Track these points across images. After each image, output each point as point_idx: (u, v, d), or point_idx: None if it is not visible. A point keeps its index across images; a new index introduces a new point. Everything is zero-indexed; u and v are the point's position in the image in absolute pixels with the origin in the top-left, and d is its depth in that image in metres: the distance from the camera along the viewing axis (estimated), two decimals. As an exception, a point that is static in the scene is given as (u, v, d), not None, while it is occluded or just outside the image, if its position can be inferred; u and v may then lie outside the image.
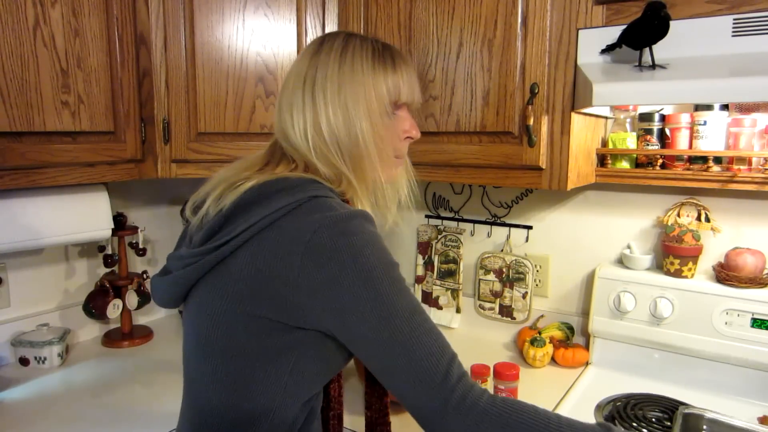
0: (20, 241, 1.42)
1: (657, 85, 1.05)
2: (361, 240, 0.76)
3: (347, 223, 0.77)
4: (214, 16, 1.45)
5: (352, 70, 0.87)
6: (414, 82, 0.93)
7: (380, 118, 0.89)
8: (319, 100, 0.86)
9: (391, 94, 0.89)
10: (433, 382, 0.73)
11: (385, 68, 0.89)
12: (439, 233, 1.84)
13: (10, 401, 1.36)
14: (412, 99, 0.93)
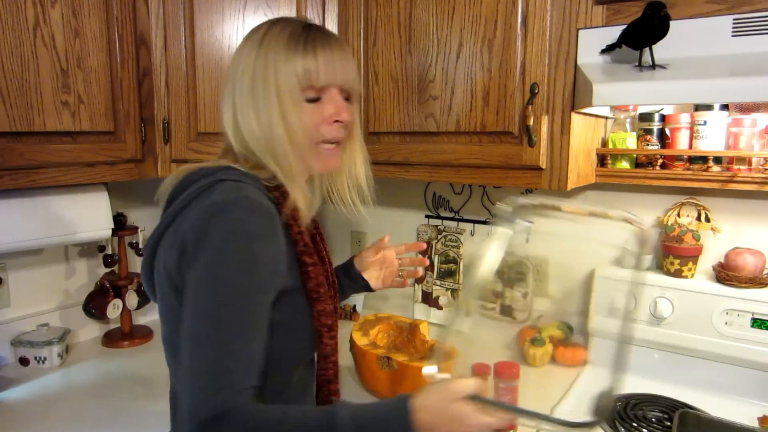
0: (20, 241, 1.42)
1: (657, 85, 1.05)
2: (227, 229, 0.77)
3: (223, 209, 0.78)
4: (214, 16, 1.45)
5: (266, 59, 0.87)
6: (338, 63, 0.88)
7: (293, 106, 0.86)
8: (237, 96, 0.88)
9: (303, 79, 0.85)
10: (191, 399, 0.74)
11: (296, 52, 0.86)
12: (439, 233, 1.84)
13: (10, 401, 1.36)
14: (333, 81, 0.87)
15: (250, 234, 0.78)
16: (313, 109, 0.88)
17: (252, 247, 0.77)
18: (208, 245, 0.77)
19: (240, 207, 0.79)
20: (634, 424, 1.20)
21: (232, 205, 0.79)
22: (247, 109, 0.87)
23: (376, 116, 1.51)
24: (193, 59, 1.46)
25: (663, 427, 1.19)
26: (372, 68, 1.50)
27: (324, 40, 0.88)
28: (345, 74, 0.89)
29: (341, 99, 0.90)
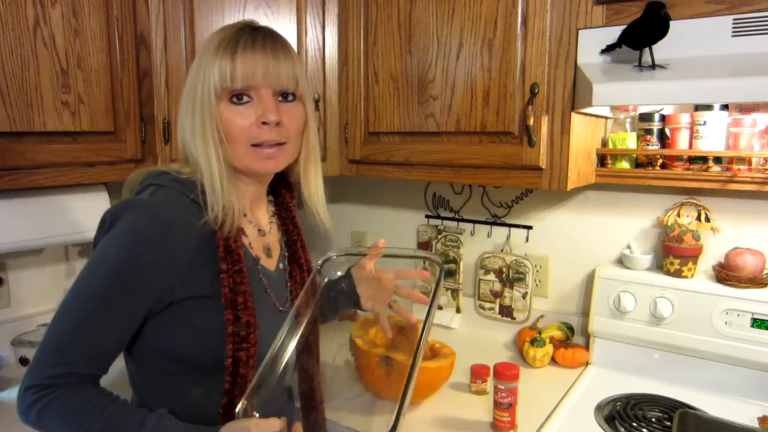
0: (20, 241, 1.42)
1: (657, 85, 1.05)
2: (120, 228, 0.83)
3: (123, 210, 0.84)
4: (214, 16, 1.45)
5: (198, 66, 0.90)
6: (260, 64, 0.86)
7: (211, 110, 0.87)
8: (180, 103, 0.93)
9: (218, 81, 0.86)
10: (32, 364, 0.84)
11: (216, 55, 0.87)
12: (439, 233, 1.84)
13: (11, 401, 1.36)
14: (253, 82, 0.86)
15: (136, 236, 0.82)
16: (241, 111, 0.87)
17: (134, 248, 0.82)
18: (102, 239, 0.85)
19: (140, 209, 0.84)
20: (634, 424, 1.20)
21: (134, 205, 0.84)
22: (183, 115, 0.91)
23: (376, 116, 1.51)
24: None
25: (663, 427, 1.19)
26: (372, 68, 1.50)
27: (248, 41, 0.87)
28: (268, 74, 0.87)
29: (272, 100, 0.88)
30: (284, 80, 0.89)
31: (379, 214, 1.99)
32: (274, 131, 0.89)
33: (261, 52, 0.87)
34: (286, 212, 1.07)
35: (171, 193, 0.88)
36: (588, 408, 1.29)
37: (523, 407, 1.24)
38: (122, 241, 0.82)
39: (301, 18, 1.50)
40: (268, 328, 0.95)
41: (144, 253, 0.82)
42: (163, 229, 0.83)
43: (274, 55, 0.88)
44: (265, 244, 1.02)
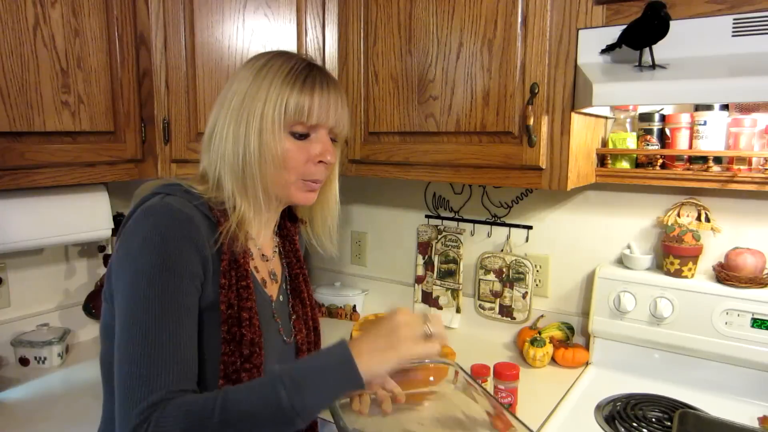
0: (20, 241, 1.42)
1: (657, 85, 1.05)
2: (142, 235, 0.80)
3: (142, 217, 0.82)
4: (214, 16, 1.45)
5: (260, 85, 0.89)
6: (333, 106, 0.90)
7: (274, 136, 0.87)
8: (222, 115, 0.90)
9: (293, 113, 0.87)
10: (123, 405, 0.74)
11: (293, 86, 0.88)
12: (439, 233, 1.84)
13: (10, 401, 1.36)
14: (324, 121, 0.90)
15: (163, 237, 0.80)
16: (300, 145, 0.90)
17: (166, 249, 0.79)
18: (125, 254, 0.80)
19: (157, 213, 0.82)
20: (634, 424, 1.20)
21: (147, 214, 0.82)
22: (227, 130, 0.89)
23: (376, 116, 1.51)
24: (193, 59, 1.46)
25: (663, 427, 1.19)
26: (372, 68, 1.50)
27: (323, 81, 0.91)
28: (337, 118, 0.92)
29: (329, 140, 0.93)
30: (342, 125, 0.94)
31: (379, 214, 1.99)
32: (325, 171, 0.93)
33: (335, 94, 0.91)
34: (290, 245, 1.08)
35: (181, 200, 0.86)
36: (588, 408, 1.29)
37: (523, 407, 1.24)
38: (151, 249, 0.79)
39: (301, 18, 1.50)
40: (274, 357, 0.95)
41: (176, 251, 0.80)
42: (185, 225, 0.82)
43: (342, 100, 0.93)
44: (270, 270, 1.02)
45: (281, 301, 1.03)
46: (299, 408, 0.73)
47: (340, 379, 0.76)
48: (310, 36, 1.52)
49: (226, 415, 0.72)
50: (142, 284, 0.77)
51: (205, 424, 0.72)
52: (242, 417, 0.72)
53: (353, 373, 0.76)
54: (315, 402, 0.75)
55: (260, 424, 0.73)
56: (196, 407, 0.73)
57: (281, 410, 0.73)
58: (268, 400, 0.73)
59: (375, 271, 2.03)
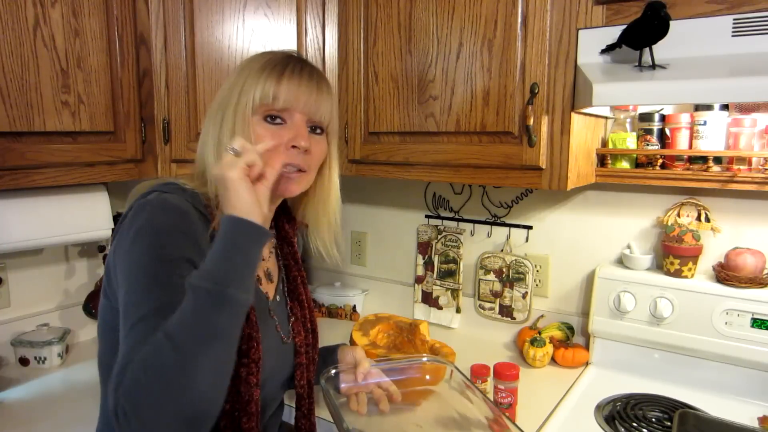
0: (20, 241, 1.42)
1: (657, 85, 1.05)
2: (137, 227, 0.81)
3: (136, 211, 0.83)
4: (214, 16, 1.45)
5: (237, 80, 0.91)
6: (305, 91, 0.90)
7: (244, 122, 0.88)
8: (208, 111, 0.94)
9: (260, 98, 0.88)
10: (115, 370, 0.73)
11: (263, 74, 0.89)
12: (439, 233, 1.84)
13: (10, 401, 1.36)
14: (293, 106, 0.89)
15: (156, 229, 0.81)
16: (273, 130, 0.89)
17: (158, 238, 0.80)
18: (120, 244, 0.82)
19: (151, 207, 0.83)
20: (634, 424, 1.20)
21: (142, 208, 0.83)
22: (209, 125, 0.92)
23: (376, 116, 1.51)
24: (193, 59, 1.46)
25: (663, 427, 1.19)
26: (372, 68, 1.50)
27: (296, 68, 0.91)
28: (309, 102, 0.91)
29: (304, 127, 0.91)
30: (322, 113, 0.93)
31: (379, 214, 1.99)
32: (301, 156, 0.91)
33: (307, 80, 0.91)
34: (288, 247, 1.07)
35: (178, 196, 0.87)
36: (588, 408, 1.29)
37: (523, 407, 1.24)
38: (143, 240, 0.80)
39: (301, 18, 1.50)
40: (272, 355, 0.95)
41: (169, 240, 0.80)
42: (179, 217, 0.82)
43: (318, 87, 0.92)
44: (265, 269, 1.02)
45: (278, 301, 1.03)
46: (219, 280, 0.71)
47: (231, 236, 0.75)
48: (310, 36, 1.52)
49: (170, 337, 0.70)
50: (138, 274, 0.78)
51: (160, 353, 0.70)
52: (183, 328, 0.70)
53: (236, 223, 0.75)
54: (227, 266, 0.73)
55: (202, 321, 0.71)
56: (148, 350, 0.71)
57: (205, 296, 0.71)
58: (192, 300, 0.71)
59: (375, 271, 2.03)
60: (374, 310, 1.90)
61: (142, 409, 0.68)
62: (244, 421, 0.86)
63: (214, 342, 0.71)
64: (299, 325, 1.04)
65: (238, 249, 0.75)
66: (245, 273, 0.76)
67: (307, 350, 1.05)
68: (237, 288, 0.73)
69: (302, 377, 1.03)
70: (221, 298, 0.71)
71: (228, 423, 0.85)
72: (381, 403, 1.05)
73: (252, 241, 0.76)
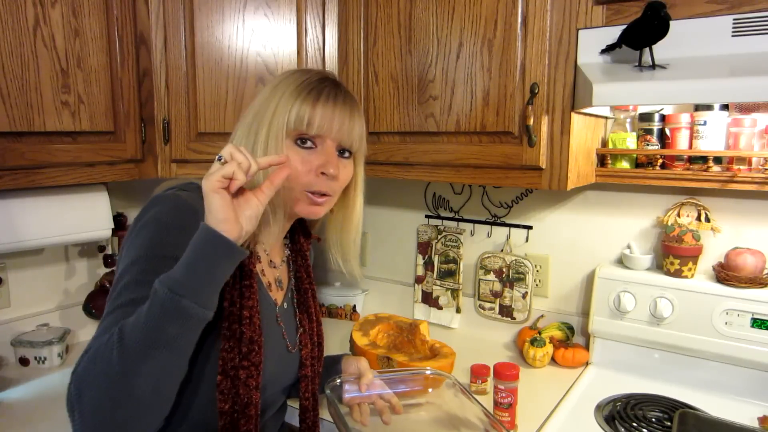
0: (20, 241, 1.42)
1: (657, 85, 1.05)
2: (144, 219, 0.83)
3: (149, 205, 0.85)
4: (214, 16, 1.45)
5: (272, 99, 0.91)
6: (338, 117, 0.91)
7: (277, 144, 0.88)
8: (239, 124, 0.94)
9: (294, 122, 0.89)
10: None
11: (299, 97, 0.89)
12: (439, 233, 1.84)
13: (10, 401, 1.36)
14: (327, 132, 0.90)
15: (162, 223, 0.82)
16: (303, 155, 0.90)
17: (161, 234, 0.81)
18: (130, 231, 0.85)
19: (164, 201, 0.84)
20: (634, 424, 1.20)
21: (158, 200, 0.85)
22: (241, 135, 0.92)
23: (376, 116, 1.51)
24: (193, 59, 1.46)
25: (663, 427, 1.19)
26: (372, 68, 1.50)
27: (330, 94, 0.91)
28: (342, 130, 0.92)
29: (334, 153, 0.93)
30: (353, 139, 0.94)
31: (379, 214, 1.99)
32: (329, 184, 0.92)
33: (341, 107, 0.92)
34: (302, 260, 1.08)
35: (194, 195, 0.86)
36: (588, 408, 1.29)
37: (523, 407, 1.24)
38: (148, 230, 0.82)
39: (301, 18, 1.50)
40: (275, 361, 0.95)
41: (171, 237, 0.80)
42: (187, 216, 0.82)
43: (350, 113, 0.93)
44: (276, 277, 1.02)
45: (285, 308, 1.03)
46: (176, 287, 0.71)
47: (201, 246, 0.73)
48: (310, 36, 1.52)
49: (121, 336, 0.71)
50: (130, 265, 0.80)
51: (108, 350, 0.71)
52: (134, 329, 0.71)
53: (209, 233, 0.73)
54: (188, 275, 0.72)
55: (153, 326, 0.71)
56: (102, 340, 0.73)
57: (160, 300, 0.70)
58: (149, 301, 0.72)
59: (375, 271, 2.03)
60: (374, 310, 1.90)
61: (84, 400, 0.70)
62: (242, 423, 0.86)
63: (160, 349, 0.71)
64: (306, 337, 1.05)
65: (203, 260, 0.73)
66: (205, 286, 0.74)
67: (313, 363, 1.05)
68: (192, 300, 0.71)
69: (307, 389, 1.03)
70: (174, 307, 0.70)
71: (227, 423, 0.85)
72: (383, 415, 1.06)
73: (219, 255, 0.74)
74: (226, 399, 0.85)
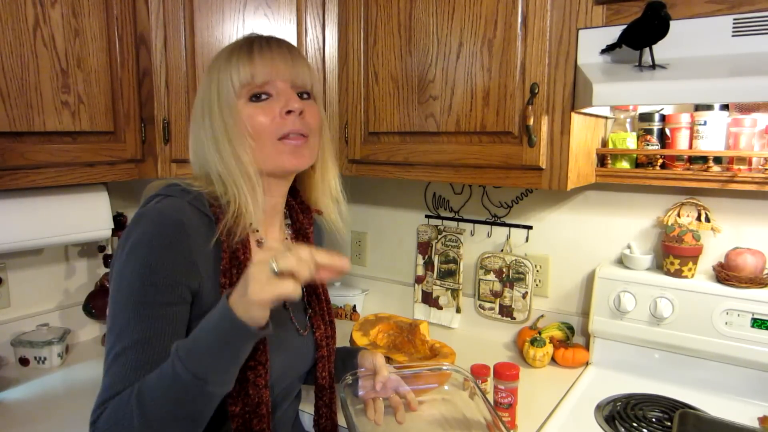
0: (20, 241, 1.42)
1: (657, 85, 1.05)
2: (132, 241, 0.81)
3: (134, 223, 0.83)
4: (214, 16, 1.45)
5: (209, 73, 0.91)
6: (279, 60, 0.89)
7: (231, 110, 0.87)
8: (192, 119, 0.93)
9: (239, 82, 0.87)
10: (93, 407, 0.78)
11: (232, 59, 0.88)
12: (439, 233, 1.84)
13: (10, 401, 1.36)
14: (274, 76, 0.88)
15: (149, 245, 0.80)
16: (262, 107, 0.88)
17: (149, 258, 0.79)
18: (118, 256, 0.82)
19: (147, 220, 0.82)
20: (634, 424, 1.20)
21: (140, 218, 0.83)
22: (197, 126, 0.91)
23: (376, 116, 1.51)
24: (193, 59, 1.46)
25: (663, 427, 1.19)
26: (372, 68, 1.50)
27: (263, 43, 0.90)
28: (288, 69, 0.89)
29: (291, 91, 0.90)
30: (302, 76, 0.91)
31: (379, 214, 1.99)
32: (298, 121, 0.89)
33: (277, 50, 0.90)
34: (303, 239, 1.04)
35: (177, 201, 0.85)
36: (588, 408, 1.29)
37: (523, 407, 1.23)
38: (135, 257, 0.80)
39: (301, 18, 1.50)
40: (286, 348, 0.94)
41: (161, 260, 0.79)
42: (172, 232, 0.81)
43: (290, 53, 0.91)
44: None
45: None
46: (201, 374, 0.72)
47: (228, 333, 0.73)
48: (310, 36, 1.52)
49: (142, 404, 0.73)
50: (123, 291, 0.80)
51: (128, 412, 0.74)
52: (155, 401, 0.73)
53: (237, 323, 0.72)
54: (213, 362, 0.73)
55: (171, 397, 0.73)
56: (120, 403, 0.75)
57: (184, 383, 0.72)
58: (171, 378, 0.73)
59: (375, 271, 2.03)
60: (374, 310, 1.90)
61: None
62: (254, 423, 0.86)
63: (182, 421, 0.74)
64: (318, 319, 1.03)
65: (229, 347, 0.74)
66: (230, 368, 0.76)
67: (328, 342, 1.04)
68: (217, 385, 0.74)
69: (324, 369, 1.03)
70: (199, 391, 0.73)
71: (239, 425, 0.85)
72: (398, 413, 1.05)
73: (245, 341, 0.75)
74: (236, 401, 0.85)
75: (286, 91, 0.90)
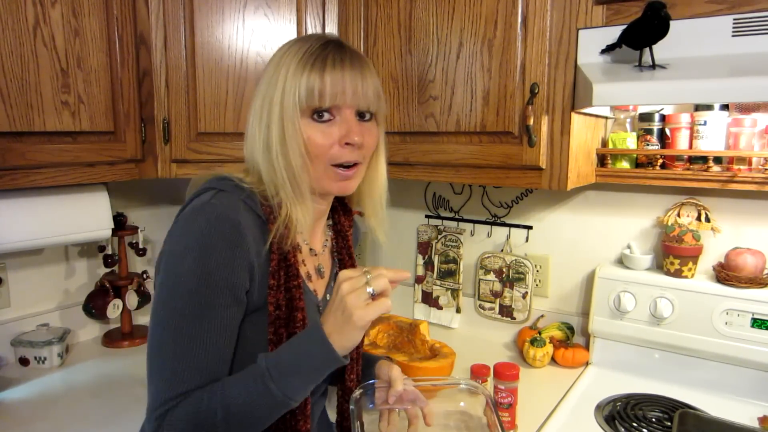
0: (20, 241, 1.42)
1: (657, 85, 1.05)
2: (186, 240, 0.81)
3: (187, 219, 0.83)
4: (214, 16, 1.45)
5: (277, 77, 0.86)
6: (349, 83, 0.85)
7: (293, 125, 0.84)
8: (251, 108, 0.91)
9: (305, 98, 0.83)
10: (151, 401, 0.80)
11: (304, 70, 0.84)
12: (439, 233, 1.84)
13: (10, 401, 1.36)
14: (341, 101, 0.85)
15: (205, 246, 0.79)
16: (323, 129, 0.85)
17: (206, 259, 0.79)
18: (170, 253, 0.82)
19: (202, 218, 0.81)
20: (634, 424, 1.20)
21: (196, 215, 0.82)
22: (254, 124, 0.88)
23: (376, 116, 1.51)
24: (193, 59, 1.46)
25: (663, 427, 1.19)
26: (372, 68, 1.50)
27: (337, 58, 0.85)
28: (357, 93, 0.86)
29: (354, 120, 0.87)
30: (369, 100, 0.88)
31: (379, 214, 1.99)
32: (355, 152, 0.88)
33: (350, 70, 0.85)
34: (343, 241, 1.03)
35: (232, 198, 0.84)
36: (588, 408, 1.29)
37: (523, 407, 1.24)
38: (192, 257, 0.79)
39: (301, 18, 1.50)
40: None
41: (218, 261, 0.79)
42: (230, 232, 0.80)
43: (362, 73, 0.87)
44: (317, 265, 0.99)
45: (327, 299, 0.99)
46: (291, 394, 0.79)
47: (321, 361, 0.79)
48: (310, 36, 1.52)
49: (227, 411, 0.78)
50: (179, 290, 0.79)
51: (211, 420, 0.77)
52: (242, 410, 0.78)
53: (332, 354, 0.78)
54: (302, 385, 0.81)
55: (259, 413, 0.79)
56: (202, 406, 0.78)
57: (274, 399, 0.78)
58: (261, 394, 0.78)
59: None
60: (374, 310, 1.90)
61: None
62: (301, 424, 0.87)
63: (257, 428, 0.81)
64: None
65: (319, 372, 0.80)
66: (310, 387, 0.82)
67: (357, 347, 1.04)
68: (299, 401, 0.82)
69: (352, 371, 1.02)
70: (286, 406, 0.80)
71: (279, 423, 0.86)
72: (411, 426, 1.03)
73: (334, 368, 0.80)
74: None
75: (350, 118, 0.86)
